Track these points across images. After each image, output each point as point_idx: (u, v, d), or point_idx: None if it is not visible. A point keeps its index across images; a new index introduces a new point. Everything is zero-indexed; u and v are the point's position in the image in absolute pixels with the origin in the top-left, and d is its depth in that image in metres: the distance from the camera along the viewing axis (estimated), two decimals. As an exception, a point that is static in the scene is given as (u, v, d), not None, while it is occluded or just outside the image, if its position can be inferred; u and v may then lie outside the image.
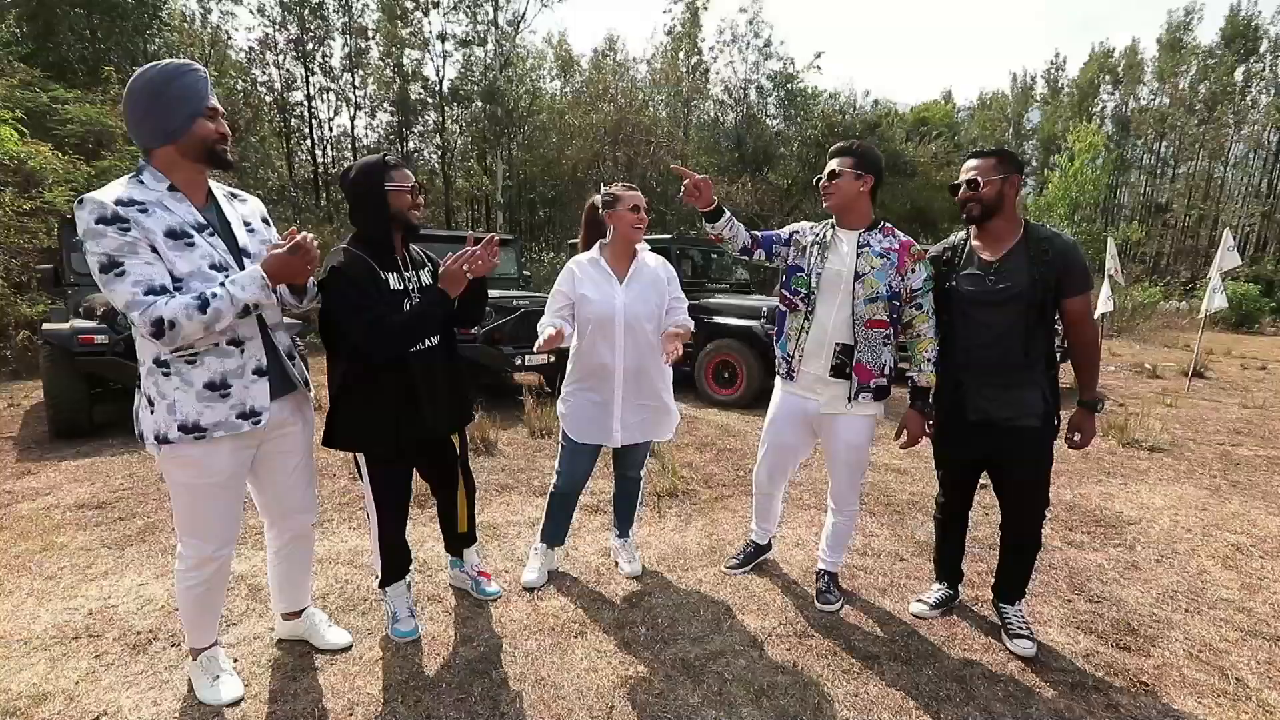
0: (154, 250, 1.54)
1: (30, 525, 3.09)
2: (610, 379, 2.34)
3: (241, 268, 1.68)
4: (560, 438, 2.51)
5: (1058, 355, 2.24)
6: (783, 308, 2.39)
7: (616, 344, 2.32)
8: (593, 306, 2.29)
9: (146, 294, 1.50)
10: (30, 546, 2.85)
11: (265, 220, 1.90)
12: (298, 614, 2.14)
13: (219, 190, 1.78)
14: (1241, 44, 32.55)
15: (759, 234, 2.37)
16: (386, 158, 1.98)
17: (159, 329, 1.50)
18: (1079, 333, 2.11)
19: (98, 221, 1.48)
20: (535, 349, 2.21)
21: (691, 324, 2.44)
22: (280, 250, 1.62)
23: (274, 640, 2.16)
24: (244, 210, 1.83)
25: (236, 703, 1.84)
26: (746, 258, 2.38)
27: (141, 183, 1.60)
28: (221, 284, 1.58)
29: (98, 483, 3.66)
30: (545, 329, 2.21)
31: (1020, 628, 2.24)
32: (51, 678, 1.95)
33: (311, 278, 1.79)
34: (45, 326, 4.51)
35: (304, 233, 1.66)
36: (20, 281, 7.62)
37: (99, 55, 13.58)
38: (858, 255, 2.20)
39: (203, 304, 1.53)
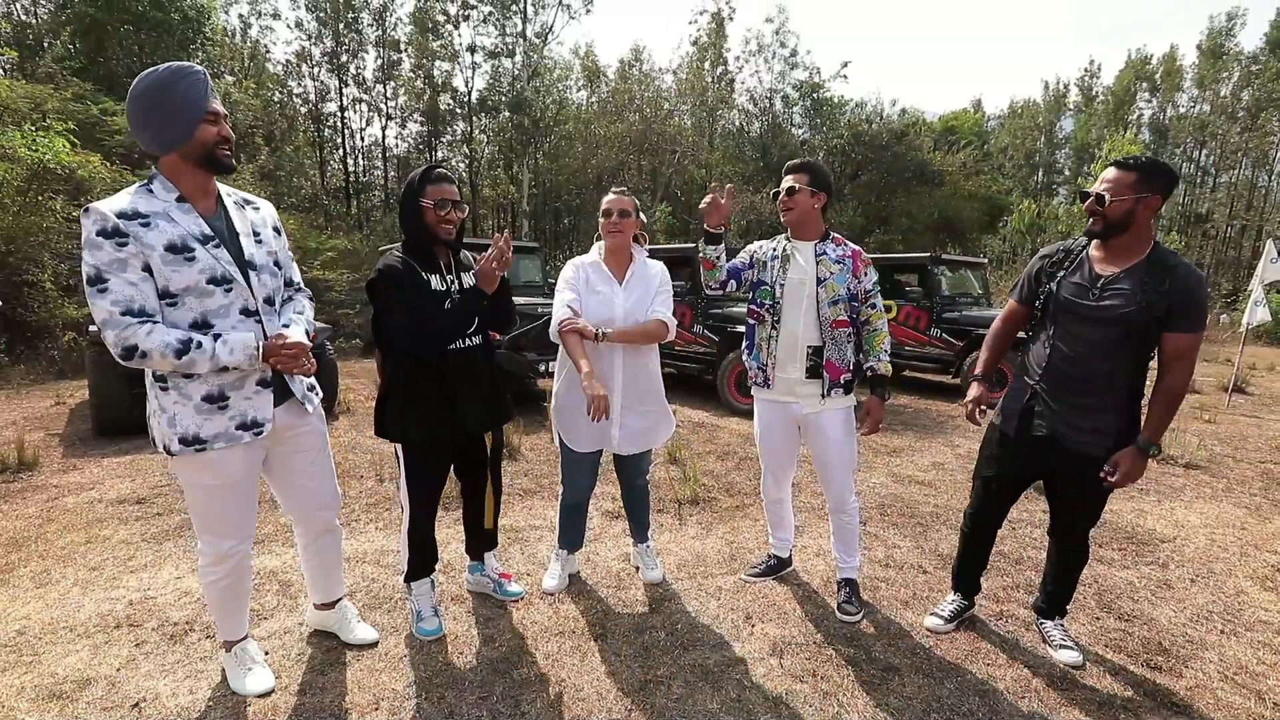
0: (147, 268, 1.54)
1: (75, 518, 3.23)
2: (609, 382, 2.35)
3: (246, 278, 1.68)
4: (557, 446, 2.52)
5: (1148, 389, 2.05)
6: (751, 321, 2.47)
7: (616, 346, 2.34)
8: (594, 307, 2.32)
9: (124, 314, 1.50)
10: (75, 539, 2.98)
11: (277, 230, 1.87)
12: (331, 605, 2.20)
13: (229, 197, 1.75)
14: (1288, 49, 31.44)
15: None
16: (438, 169, 2.07)
17: (129, 354, 1.51)
18: (1170, 372, 1.92)
19: (98, 234, 1.49)
20: (559, 330, 2.25)
21: (670, 319, 2.32)
22: (283, 347, 1.66)
23: (304, 634, 2.22)
24: (254, 218, 1.80)
25: (267, 694, 1.90)
26: (722, 291, 2.42)
27: (151, 192, 1.59)
28: (212, 336, 1.59)
29: (138, 479, 3.81)
30: (562, 313, 2.26)
31: (1064, 640, 2.24)
32: (94, 664, 2.04)
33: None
34: (92, 328, 4.70)
35: (301, 343, 1.71)
36: (68, 285, 7.96)
37: (146, 69, 14.30)
38: (817, 263, 2.32)
39: (182, 349, 1.53)
